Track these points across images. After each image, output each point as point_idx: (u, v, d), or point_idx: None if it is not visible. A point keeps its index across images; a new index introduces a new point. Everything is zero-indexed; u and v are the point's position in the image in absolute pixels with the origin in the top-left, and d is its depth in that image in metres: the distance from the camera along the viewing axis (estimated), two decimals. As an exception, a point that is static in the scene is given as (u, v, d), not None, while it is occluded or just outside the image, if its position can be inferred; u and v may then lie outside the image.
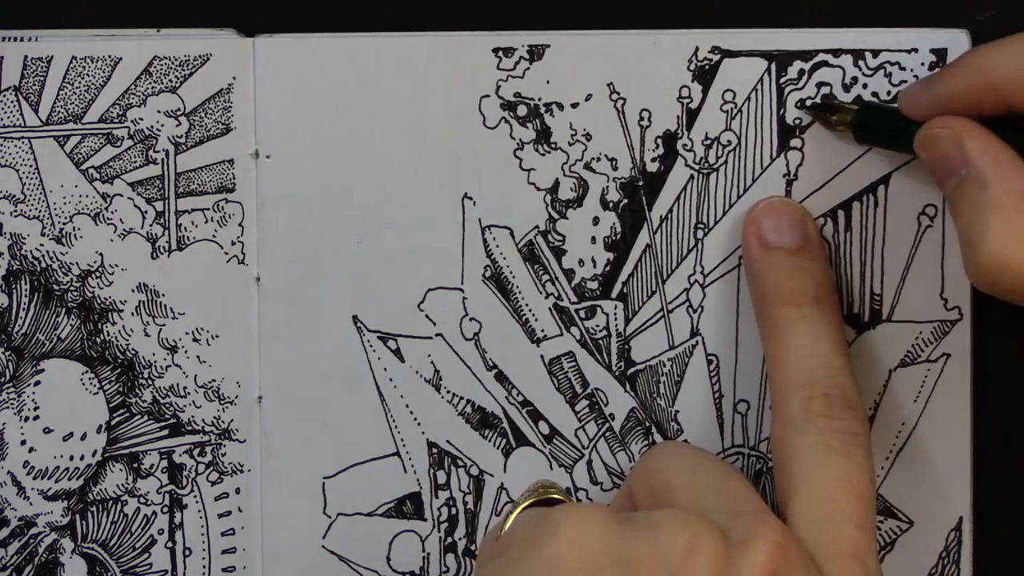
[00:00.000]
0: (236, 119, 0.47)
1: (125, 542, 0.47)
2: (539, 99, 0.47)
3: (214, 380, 0.47)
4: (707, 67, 0.46)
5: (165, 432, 0.47)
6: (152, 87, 0.46)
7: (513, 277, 0.47)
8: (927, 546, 0.47)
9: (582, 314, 0.47)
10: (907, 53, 0.46)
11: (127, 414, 0.47)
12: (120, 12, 0.46)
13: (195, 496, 0.47)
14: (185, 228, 0.47)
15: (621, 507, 0.42)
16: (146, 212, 0.47)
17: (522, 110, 0.47)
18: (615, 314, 0.47)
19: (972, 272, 0.38)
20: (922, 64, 0.46)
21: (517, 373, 0.47)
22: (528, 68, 0.46)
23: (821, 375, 0.42)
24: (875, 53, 0.46)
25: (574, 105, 0.46)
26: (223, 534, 0.47)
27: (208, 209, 0.47)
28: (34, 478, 0.47)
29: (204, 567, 0.47)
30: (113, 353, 0.47)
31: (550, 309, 0.47)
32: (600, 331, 0.47)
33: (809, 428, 0.40)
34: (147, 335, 0.47)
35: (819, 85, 0.46)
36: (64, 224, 0.47)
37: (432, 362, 0.47)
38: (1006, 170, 0.39)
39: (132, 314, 0.47)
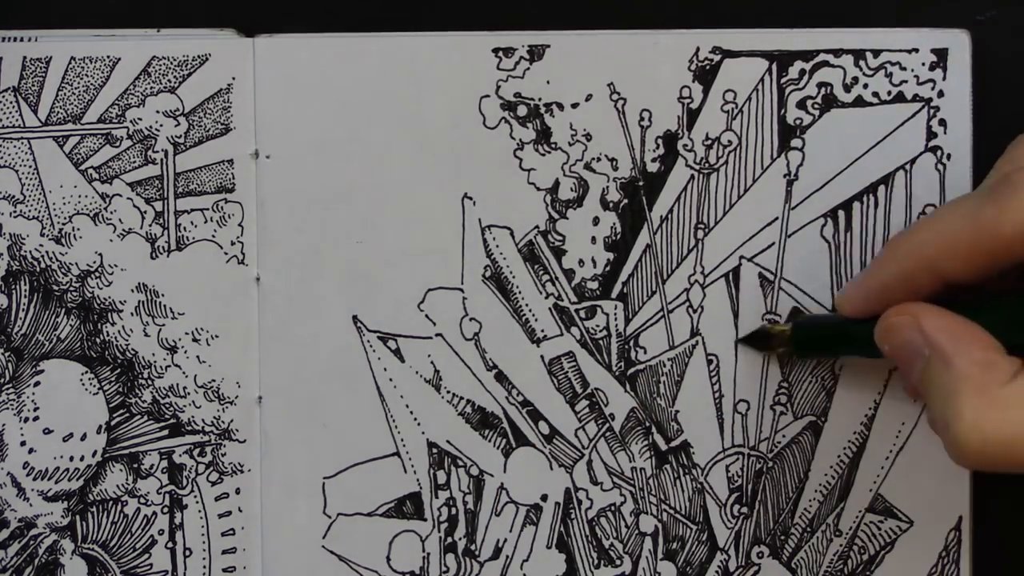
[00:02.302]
0: (236, 119, 0.46)
1: (125, 543, 0.47)
2: (539, 99, 0.46)
3: (214, 380, 0.47)
4: (708, 67, 0.46)
5: (165, 432, 0.47)
6: (151, 87, 0.46)
7: (513, 277, 0.47)
8: (927, 545, 0.47)
9: (582, 314, 0.47)
10: (908, 53, 0.46)
11: (127, 414, 0.47)
12: (120, 12, 0.46)
13: (195, 496, 0.47)
14: (184, 228, 0.47)
15: None
16: (145, 212, 0.47)
17: (522, 110, 0.46)
18: (615, 314, 0.47)
19: (954, 453, 0.38)
20: (923, 64, 0.46)
21: (517, 373, 0.47)
22: (528, 68, 0.46)
23: None
24: (876, 53, 0.46)
25: (574, 105, 0.46)
26: (223, 534, 0.47)
27: (207, 209, 0.47)
28: (34, 479, 0.47)
29: (204, 567, 0.47)
30: (113, 353, 0.47)
31: (550, 309, 0.47)
32: (600, 331, 0.47)
33: None
34: (147, 335, 0.47)
35: (820, 85, 0.46)
36: (63, 224, 0.47)
37: (432, 362, 0.47)
38: (967, 343, 0.39)
39: (132, 314, 0.47)
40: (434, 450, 0.47)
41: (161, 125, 0.46)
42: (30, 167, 0.46)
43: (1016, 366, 0.38)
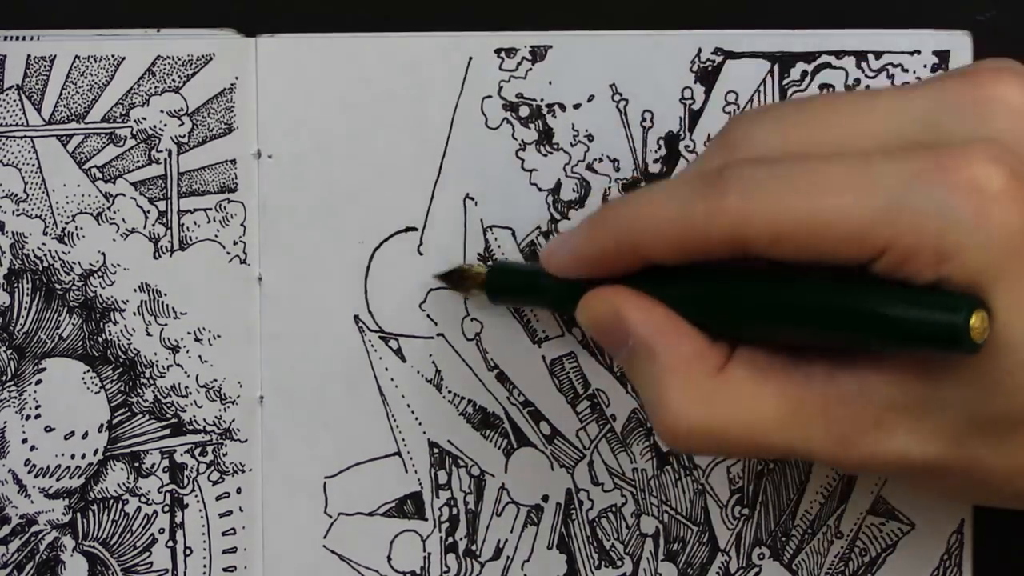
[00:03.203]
0: (238, 119, 0.47)
1: (126, 541, 0.47)
2: (541, 100, 0.47)
3: (215, 380, 0.47)
4: (710, 68, 0.46)
5: (166, 432, 0.47)
6: (155, 87, 0.47)
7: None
8: (928, 548, 0.47)
9: (584, 315, 0.47)
10: (909, 55, 0.46)
11: (128, 413, 0.47)
12: (121, 12, 0.47)
13: (196, 496, 0.47)
14: (187, 228, 0.47)
15: None
16: (148, 212, 0.47)
17: (524, 111, 0.47)
18: (617, 315, 0.47)
19: (661, 437, 0.39)
20: (924, 66, 0.46)
21: (518, 373, 0.47)
22: (530, 69, 0.46)
23: None
24: (878, 55, 0.46)
25: (576, 106, 0.46)
26: (224, 534, 0.47)
27: (210, 209, 0.47)
28: (35, 476, 0.47)
29: (205, 566, 0.47)
30: (115, 352, 0.47)
31: (552, 309, 0.47)
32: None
33: None
34: (149, 335, 0.47)
35: (822, 87, 0.46)
36: (66, 223, 0.47)
37: (433, 362, 0.47)
38: (670, 336, 0.39)
39: (134, 314, 0.47)
40: (435, 450, 0.47)
41: (165, 125, 0.47)
42: (33, 166, 0.47)
43: (722, 355, 0.38)
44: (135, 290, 0.47)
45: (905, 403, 0.36)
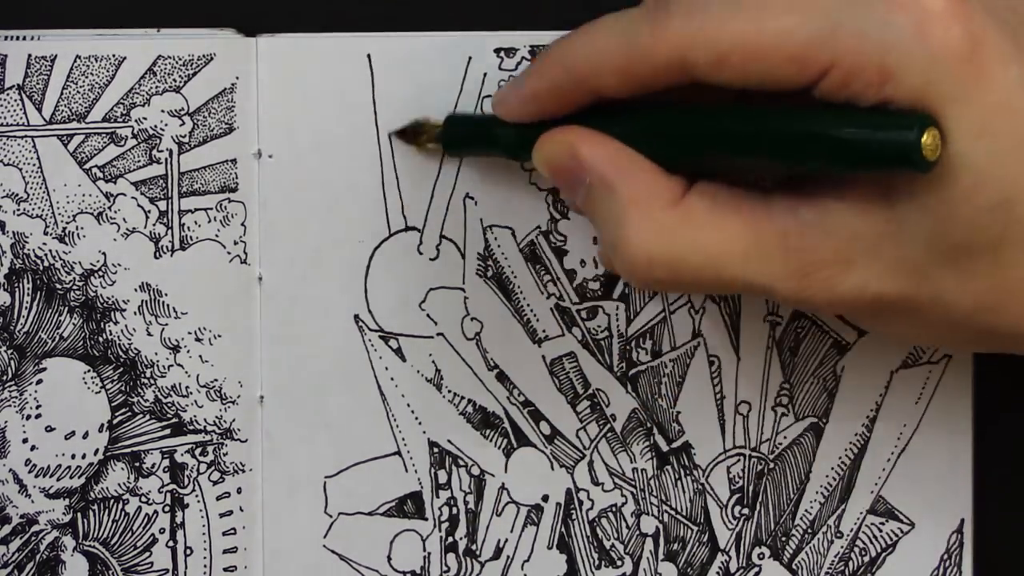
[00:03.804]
0: (239, 119, 0.47)
1: (126, 540, 0.47)
2: (541, 100, 0.47)
3: (216, 380, 0.47)
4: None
5: (167, 431, 0.47)
6: (156, 86, 0.47)
7: (515, 277, 0.47)
8: (929, 548, 0.47)
9: (583, 315, 0.47)
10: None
11: (129, 413, 0.47)
12: (122, 12, 0.47)
13: (196, 496, 0.47)
14: (188, 228, 0.47)
15: None
16: (149, 211, 0.47)
17: (524, 111, 0.47)
18: (616, 315, 0.47)
19: (623, 272, 0.39)
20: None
21: (518, 373, 0.47)
22: (531, 69, 0.46)
23: None
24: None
25: (576, 106, 0.46)
26: (224, 533, 0.47)
27: (211, 209, 0.47)
28: (36, 476, 0.47)
29: (205, 566, 0.48)
30: (115, 352, 0.47)
31: (551, 309, 0.47)
32: (601, 332, 0.47)
33: None
34: (149, 334, 0.47)
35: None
36: (67, 223, 0.47)
37: (433, 362, 0.47)
38: (628, 170, 0.39)
39: (134, 313, 0.47)
40: (435, 449, 0.47)
41: (166, 124, 0.47)
42: (34, 165, 0.47)
43: (680, 188, 0.38)
44: (136, 290, 0.47)
45: (865, 234, 0.36)
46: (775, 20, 0.36)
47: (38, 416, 0.47)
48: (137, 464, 0.47)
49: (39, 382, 0.47)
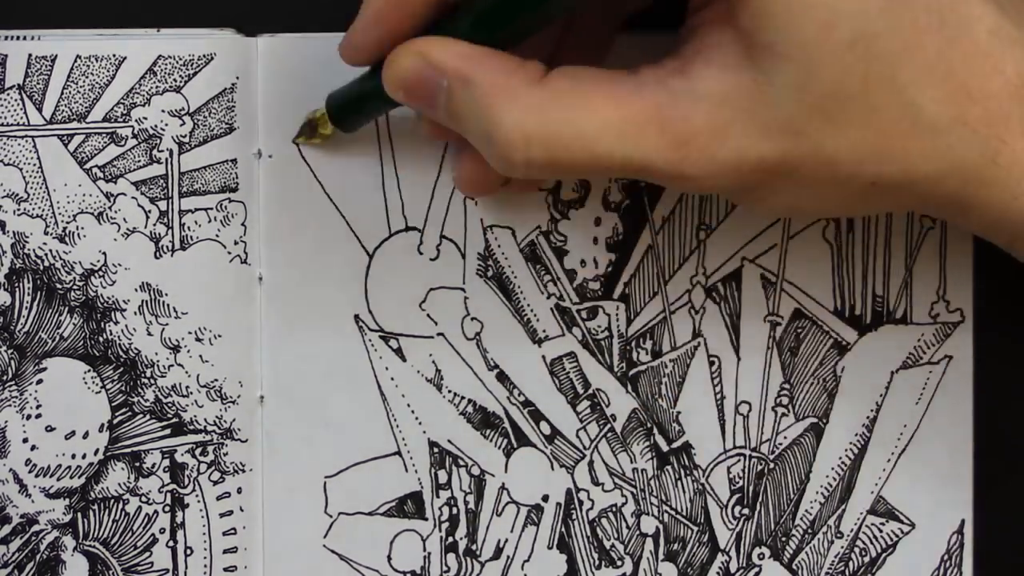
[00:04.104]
0: (239, 119, 0.47)
1: (127, 540, 0.47)
2: (542, 100, 0.46)
3: (216, 380, 0.47)
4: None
5: (167, 431, 0.47)
6: (156, 86, 0.47)
7: (515, 277, 0.47)
8: (929, 548, 0.47)
9: (584, 315, 0.47)
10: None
11: (129, 413, 0.47)
12: (122, 12, 0.47)
13: (197, 495, 0.47)
14: (188, 227, 0.47)
15: None
16: (149, 211, 0.47)
17: (525, 111, 0.46)
18: (617, 315, 0.47)
19: (499, 161, 0.38)
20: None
21: (518, 373, 0.47)
22: (531, 69, 0.46)
23: None
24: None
25: (577, 106, 0.46)
26: (224, 533, 0.47)
27: (211, 209, 0.47)
28: (36, 476, 0.47)
29: (205, 566, 0.48)
30: (116, 352, 0.47)
31: (552, 309, 0.47)
32: (602, 332, 0.47)
33: None
34: (150, 334, 0.47)
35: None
36: (67, 223, 0.47)
37: (434, 361, 0.47)
38: (482, 60, 0.38)
39: (135, 313, 0.47)
40: (435, 449, 0.47)
41: (166, 124, 0.47)
42: (34, 165, 0.47)
43: (538, 70, 0.38)
44: (136, 290, 0.47)
45: (735, 97, 0.36)
46: None
47: (38, 416, 0.47)
48: (137, 464, 0.47)
49: (39, 382, 0.47)
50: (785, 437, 0.47)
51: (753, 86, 0.36)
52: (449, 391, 0.47)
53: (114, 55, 0.46)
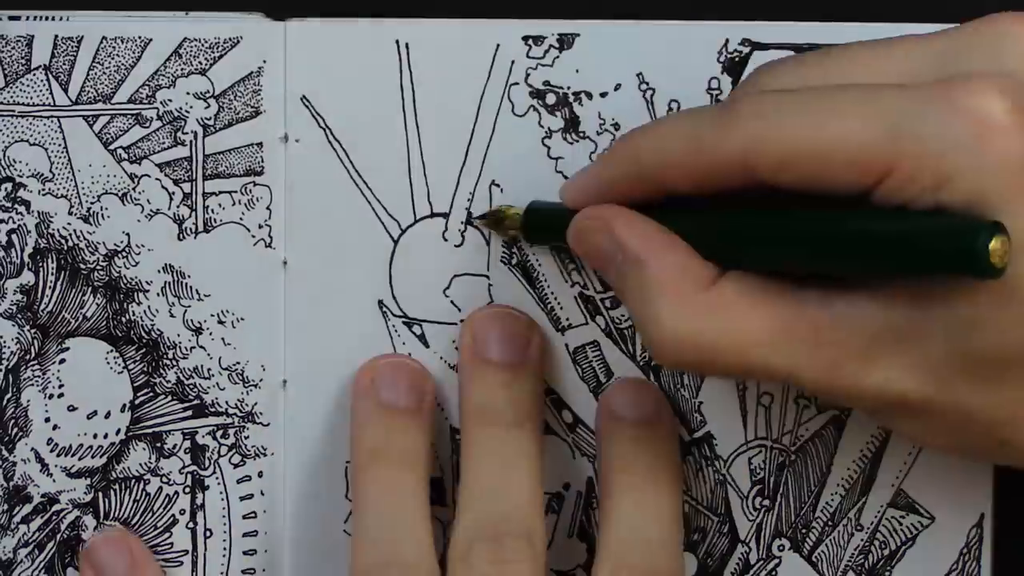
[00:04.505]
0: (265, 102, 0.47)
1: (147, 521, 0.48)
2: (568, 88, 0.46)
3: (238, 363, 0.47)
4: (737, 59, 0.46)
5: (188, 413, 0.47)
6: (182, 69, 0.47)
7: (539, 265, 0.47)
8: (948, 543, 0.47)
9: (607, 303, 0.47)
10: (939, 49, 0.46)
11: (151, 394, 0.47)
12: (149, -6, 0.47)
13: (217, 478, 0.47)
14: (212, 210, 0.47)
15: None
16: (173, 193, 0.47)
17: (551, 98, 0.47)
18: (640, 304, 0.47)
19: (652, 353, 0.39)
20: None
21: (544, 360, 0.47)
22: (558, 57, 0.46)
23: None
24: (906, 48, 0.46)
25: (603, 94, 0.46)
26: (244, 517, 0.48)
27: (236, 192, 0.47)
28: (57, 455, 0.47)
29: (224, 549, 0.48)
30: (138, 333, 0.47)
31: (575, 298, 0.47)
32: (625, 321, 0.47)
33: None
34: (172, 316, 0.47)
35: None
36: (91, 204, 0.47)
37: (457, 348, 0.47)
38: (660, 247, 0.39)
39: (157, 295, 0.47)
40: (458, 436, 0.47)
41: (191, 107, 0.47)
42: (59, 146, 0.47)
43: (713, 273, 0.39)
44: (159, 271, 0.47)
45: (895, 332, 0.37)
46: (838, 123, 0.36)
47: (60, 395, 0.47)
48: (158, 444, 0.47)
49: (62, 361, 0.47)
50: (807, 429, 0.47)
51: (911, 327, 0.37)
52: (472, 378, 0.47)
53: (140, 37, 0.46)
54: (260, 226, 0.47)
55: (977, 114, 0.35)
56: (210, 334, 0.47)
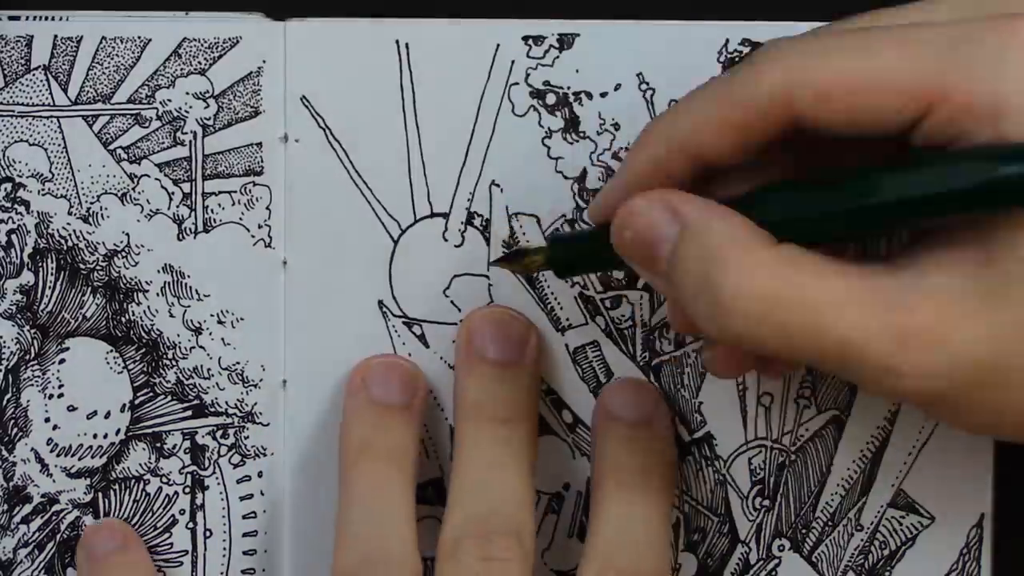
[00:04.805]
0: (265, 102, 0.47)
1: (147, 521, 0.48)
2: (568, 88, 0.46)
3: (238, 363, 0.47)
4: (737, 59, 0.46)
5: (188, 413, 0.47)
6: (181, 69, 0.46)
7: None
8: (948, 543, 0.47)
9: (607, 303, 0.47)
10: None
11: (151, 394, 0.47)
12: (149, -7, 0.47)
13: (217, 478, 0.47)
14: (212, 210, 0.47)
15: None
16: (173, 193, 0.47)
17: (551, 98, 0.47)
18: (640, 304, 0.47)
19: (718, 322, 0.36)
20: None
21: (541, 361, 0.47)
22: (558, 57, 0.46)
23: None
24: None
25: (603, 94, 0.46)
26: (244, 517, 0.48)
27: (235, 192, 0.47)
28: (57, 455, 0.47)
29: (224, 549, 0.48)
30: (138, 333, 0.47)
31: (575, 298, 0.47)
32: (625, 321, 0.47)
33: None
34: (172, 316, 0.47)
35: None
36: (91, 204, 0.47)
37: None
38: (722, 215, 0.37)
39: (157, 295, 0.47)
40: (457, 436, 0.47)
41: (191, 107, 0.47)
42: (59, 146, 0.47)
43: (772, 237, 0.37)
44: (159, 271, 0.47)
45: (965, 299, 0.35)
46: (881, 55, 0.35)
47: (60, 395, 0.47)
48: (158, 445, 0.47)
49: (62, 362, 0.47)
50: (807, 429, 0.47)
51: (985, 290, 0.35)
52: (472, 378, 0.47)
53: (139, 37, 0.46)
54: (260, 226, 0.47)
55: None
56: (210, 334, 0.47)
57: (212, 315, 0.47)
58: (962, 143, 0.35)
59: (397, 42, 0.46)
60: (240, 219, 0.47)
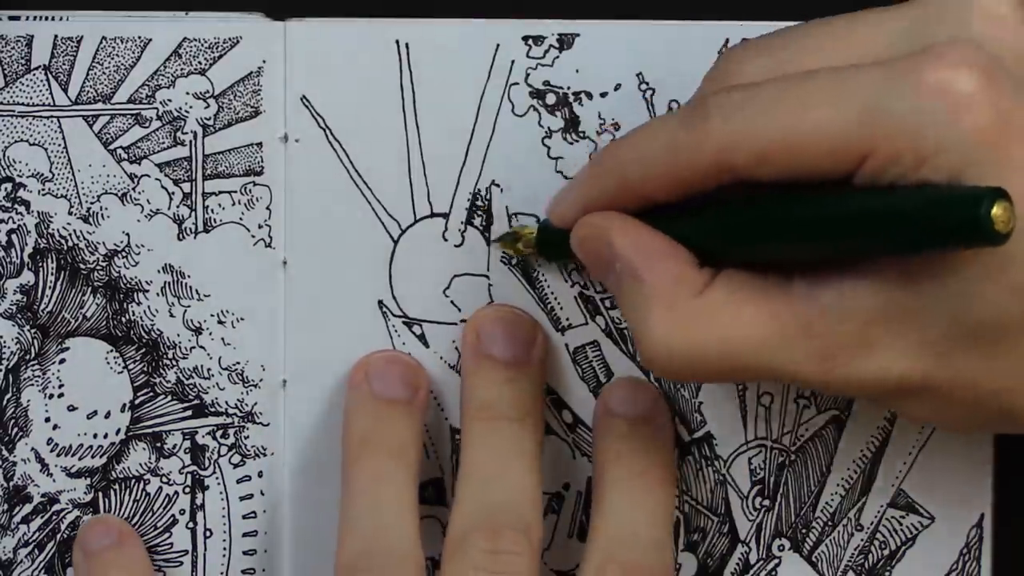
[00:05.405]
0: (265, 102, 0.47)
1: (147, 521, 0.48)
2: (568, 88, 0.47)
3: (238, 363, 0.47)
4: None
5: (188, 413, 0.47)
6: (181, 69, 0.47)
7: (539, 265, 0.47)
8: (948, 542, 0.47)
9: (607, 303, 0.47)
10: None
11: (151, 394, 0.47)
12: (148, -7, 0.47)
13: (217, 478, 0.47)
14: (212, 210, 0.47)
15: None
16: (173, 193, 0.47)
17: (551, 98, 0.47)
18: (640, 304, 0.47)
19: (645, 363, 0.39)
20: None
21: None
22: (557, 56, 0.46)
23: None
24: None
25: (603, 94, 0.46)
26: (244, 517, 0.48)
27: (235, 192, 0.47)
28: (57, 455, 0.47)
29: (224, 549, 0.48)
30: (138, 333, 0.47)
31: (575, 298, 0.47)
32: (625, 321, 0.47)
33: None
34: (172, 316, 0.47)
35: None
36: (91, 204, 0.47)
37: (456, 348, 0.47)
38: (657, 259, 0.39)
39: (157, 294, 0.47)
40: (457, 436, 0.47)
41: (191, 107, 0.47)
42: (59, 146, 0.47)
43: (706, 278, 0.39)
44: (159, 271, 0.47)
45: (887, 315, 0.36)
46: (810, 113, 0.36)
47: (60, 395, 0.47)
48: (158, 444, 0.47)
49: (62, 361, 0.47)
50: (807, 429, 0.47)
51: (905, 306, 0.36)
52: (472, 378, 0.47)
53: (139, 37, 0.46)
54: (260, 226, 0.47)
55: (948, 87, 0.35)
56: (210, 334, 0.47)
57: (212, 315, 0.47)
58: (901, 183, 0.36)
59: (397, 42, 0.46)
60: (240, 219, 0.47)
